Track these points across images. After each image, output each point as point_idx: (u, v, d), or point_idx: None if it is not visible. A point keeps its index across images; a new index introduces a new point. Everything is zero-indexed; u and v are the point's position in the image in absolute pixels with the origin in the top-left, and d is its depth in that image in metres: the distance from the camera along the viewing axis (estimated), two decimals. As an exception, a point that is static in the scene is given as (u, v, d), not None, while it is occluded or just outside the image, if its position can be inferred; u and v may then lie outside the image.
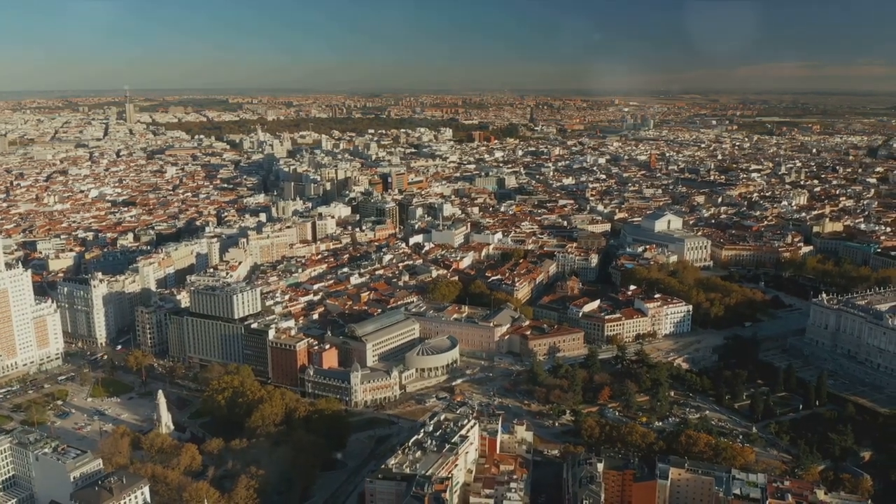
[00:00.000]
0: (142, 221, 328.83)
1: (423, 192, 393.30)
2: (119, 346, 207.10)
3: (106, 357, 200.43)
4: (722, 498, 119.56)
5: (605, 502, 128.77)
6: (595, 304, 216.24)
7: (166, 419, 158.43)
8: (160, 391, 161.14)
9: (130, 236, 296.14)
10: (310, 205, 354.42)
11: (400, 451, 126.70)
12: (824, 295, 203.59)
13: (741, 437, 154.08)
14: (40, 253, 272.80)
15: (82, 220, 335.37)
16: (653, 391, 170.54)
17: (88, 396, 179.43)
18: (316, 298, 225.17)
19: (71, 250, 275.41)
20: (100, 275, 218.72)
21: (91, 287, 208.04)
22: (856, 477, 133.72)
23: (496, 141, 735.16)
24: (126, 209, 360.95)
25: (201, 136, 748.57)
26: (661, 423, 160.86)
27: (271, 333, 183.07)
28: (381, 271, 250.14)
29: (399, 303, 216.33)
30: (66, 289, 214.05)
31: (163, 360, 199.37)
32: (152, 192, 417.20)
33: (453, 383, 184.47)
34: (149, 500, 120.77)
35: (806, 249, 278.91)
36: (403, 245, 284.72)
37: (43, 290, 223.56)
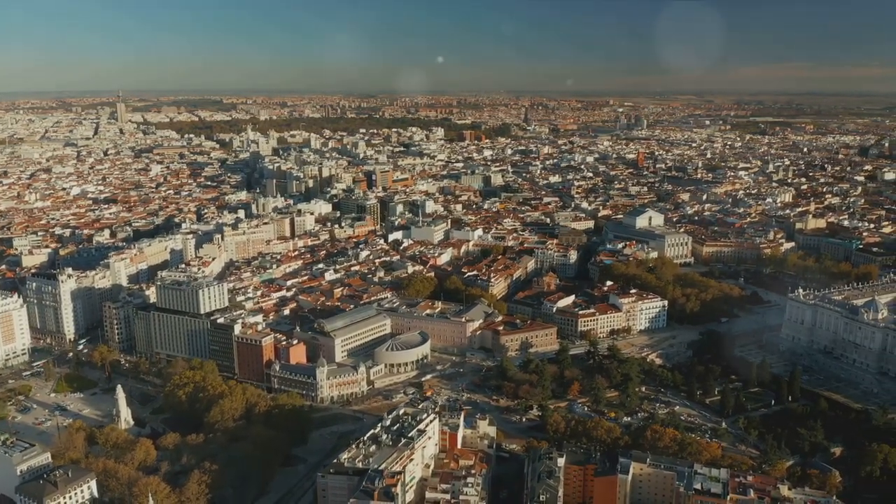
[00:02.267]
0: (120, 218, 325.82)
1: (407, 190, 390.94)
2: (81, 344, 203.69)
3: (72, 353, 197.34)
4: (683, 493, 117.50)
5: (567, 497, 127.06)
6: (570, 299, 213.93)
7: (125, 414, 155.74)
8: (119, 386, 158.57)
9: (107, 233, 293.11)
10: (291, 202, 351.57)
11: (354, 446, 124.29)
12: (801, 290, 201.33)
13: (709, 432, 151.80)
14: (15, 249, 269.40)
15: (61, 217, 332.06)
16: (622, 386, 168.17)
17: (52, 392, 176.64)
18: (289, 294, 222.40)
19: (47, 247, 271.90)
20: (69, 270, 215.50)
21: (59, 282, 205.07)
22: (824, 473, 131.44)
23: (487, 140, 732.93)
24: (107, 206, 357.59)
25: (191, 136, 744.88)
26: (629, 419, 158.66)
27: (237, 328, 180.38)
28: (356, 267, 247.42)
29: (372, 298, 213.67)
30: (34, 284, 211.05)
31: (130, 356, 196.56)
32: (135, 189, 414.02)
33: (423, 379, 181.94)
34: (96, 494, 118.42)
35: (788, 246, 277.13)
36: (382, 241, 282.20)
37: (15, 285, 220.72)
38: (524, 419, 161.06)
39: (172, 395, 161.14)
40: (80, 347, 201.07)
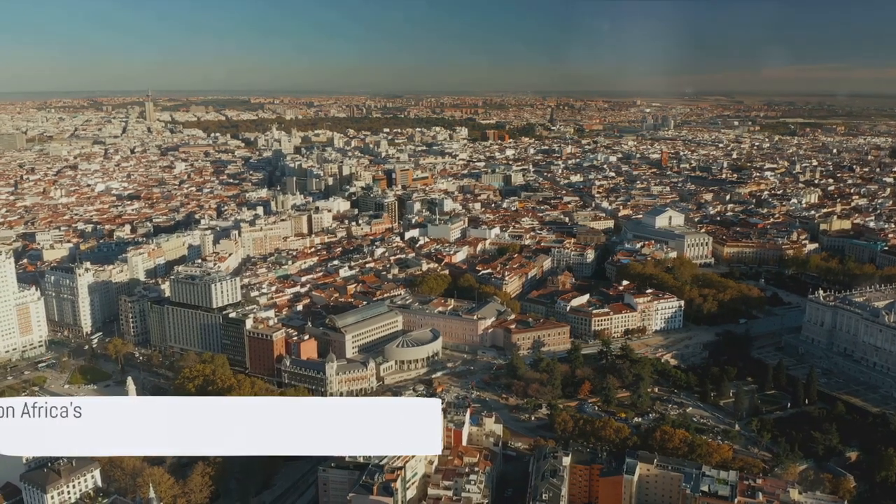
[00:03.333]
0: (142, 214, 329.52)
1: (427, 189, 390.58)
2: (95, 337, 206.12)
3: (87, 346, 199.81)
4: (689, 495, 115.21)
5: (572, 496, 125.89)
6: (584, 298, 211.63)
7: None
8: (129, 378, 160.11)
9: (128, 228, 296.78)
10: (310, 199, 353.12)
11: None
12: (821, 292, 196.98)
13: (721, 434, 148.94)
14: (38, 244, 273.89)
15: (85, 212, 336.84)
16: (634, 387, 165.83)
17: (66, 383, 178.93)
18: (303, 290, 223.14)
19: (68, 242, 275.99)
20: (87, 264, 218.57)
21: (76, 276, 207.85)
22: (837, 477, 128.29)
23: (510, 140, 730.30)
24: (129, 203, 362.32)
25: (217, 134, 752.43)
26: (639, 419, 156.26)
27: (248, 323, 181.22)
28: (371, 264, 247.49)
29: (385, 295, 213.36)
30: (52, 277, 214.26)
31: (145, 349, 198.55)
32: (158, 186, 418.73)
33: (433, 376, 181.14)
34: (100, 483, 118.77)
35: (811, 247, 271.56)
36: (398, 239, 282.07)
37: (35, 279, 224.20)
38: (533, 418, 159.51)
39: (182, 388, 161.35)
40: (94, 340, 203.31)
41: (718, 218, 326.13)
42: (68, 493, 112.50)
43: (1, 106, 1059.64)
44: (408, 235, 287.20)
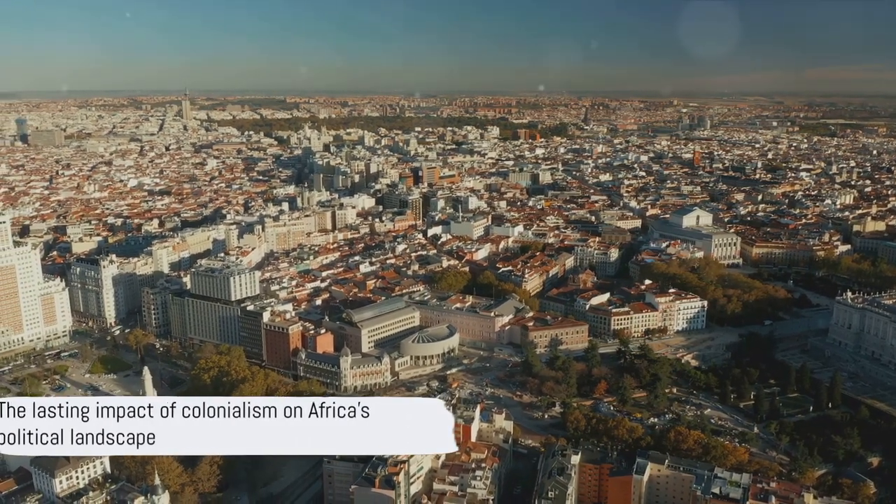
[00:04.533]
0: (171, 209, 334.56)
1: (453, 187, 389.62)
2: (117, 329, 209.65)
3: (109, 336, 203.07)
4: (699, 496, 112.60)
5: (581, 496, 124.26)
6: (604, 297, 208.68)
7: (151, 395, 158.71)
8: (146, 368, 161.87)
9: (156, 223, 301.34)
10: (336, 196, 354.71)
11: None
12: (849, 293, 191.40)
13: (738, 436, 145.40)
14: (68, 236, 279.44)
15: (116, 207, 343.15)
16: (651, 387, 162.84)
17: (87, 372, 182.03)
18: (322, 285, 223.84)
19: (98, 235, 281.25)
20: (112, 256, 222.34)
21: (100, 268, 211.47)
22: (857, 483, 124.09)
23: (541, 139, 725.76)
24: (160, 198, 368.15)
25: (250, 133, 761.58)
26: (655, 420, 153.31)
27: (266, 316, 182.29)
28: (392, 260, 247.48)
29: (404, 291, 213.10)
30: (78, 269, 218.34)
31: (166, 340, 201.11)
32: (189, 182, 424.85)
33: (448, 372, 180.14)
34: (108, 469, 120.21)
35: (843, 248, 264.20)
36: (420, 236, 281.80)
37: (63, 270, 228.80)
38: (546, 416, 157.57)
39: (198, 379, 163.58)
40: (115, 331, 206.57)
41: (749, 218, 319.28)
42: (77, 478, 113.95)
43: (43, 104, 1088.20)
44: (430, 232, 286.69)
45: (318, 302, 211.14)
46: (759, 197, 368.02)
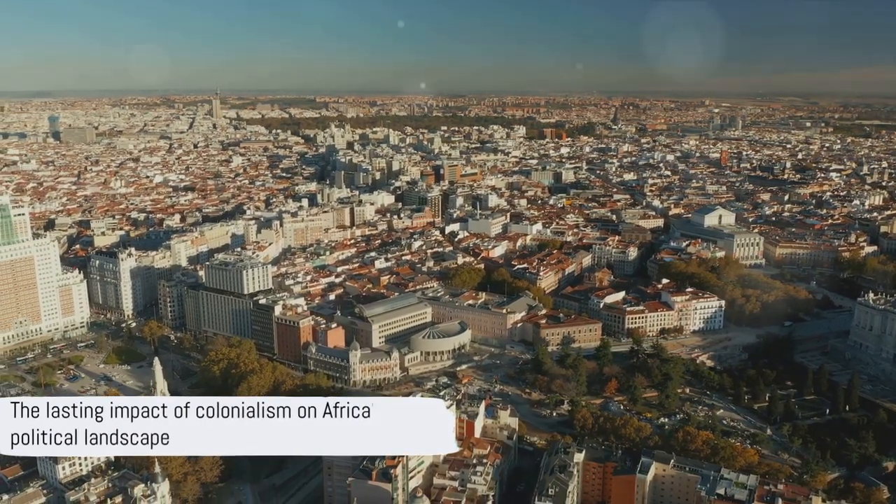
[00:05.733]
0: (193, 205, 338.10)
1: (474, 185, 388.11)
2: (131, 320, 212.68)
3: (125, 328, 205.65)
4: (704, 497, 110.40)
5: (585, 494, 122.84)
6: (619, 295, 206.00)
7: (161, 386, 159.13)
8: (156, 359, 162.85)
9: (178, 217, 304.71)
10: (357, 192, 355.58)
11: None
12: (871, 294, 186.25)
13: (749, 438, 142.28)
14: (92, 231, 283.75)
15: (140, 202, 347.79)
16: (662, 386, 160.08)
17: (101, 363, 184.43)
18: (337, 280, 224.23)
19: (121, 229, 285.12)
20: (131, 249, 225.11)
21: (118, 260, 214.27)
22: (869, 487, 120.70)
23: (567, 138, 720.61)
24: (184, 194, 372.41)
25: (278, 131, 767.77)
26: (665, 420, 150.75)
27: (277, 309, 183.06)
28: (407, 257, 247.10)
29: (417, 287, 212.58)
30: (97, 262, 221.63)
31: (181, 333, 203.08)
32: (213, 179, 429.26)
33: (458, 368, 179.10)
34: (112, 459, 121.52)
35: (869, 249, 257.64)
36: (437, 232, 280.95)
37: (84, 263, 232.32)
38: (554, 414, 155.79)
39: (208, 370, 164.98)
40: (131, 323, 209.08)
41: (774, 218, 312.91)
42: (80, 465, 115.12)
43: (78, 102, 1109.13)
44: (448, 230, 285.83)
45: (332, 297, 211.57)
46: (786, 197, 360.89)
